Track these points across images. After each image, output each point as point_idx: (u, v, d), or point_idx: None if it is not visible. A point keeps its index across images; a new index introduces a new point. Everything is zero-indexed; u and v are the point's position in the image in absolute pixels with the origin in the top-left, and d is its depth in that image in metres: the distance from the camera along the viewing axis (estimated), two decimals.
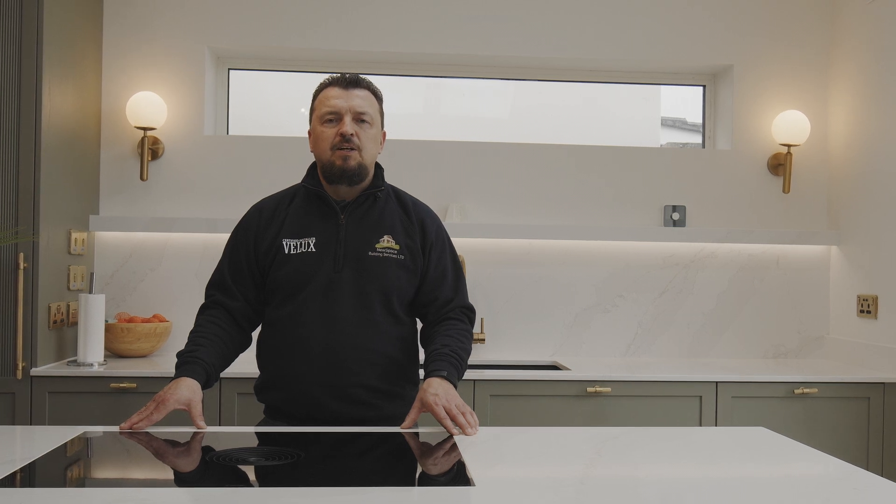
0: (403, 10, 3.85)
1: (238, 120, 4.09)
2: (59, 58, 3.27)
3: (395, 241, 2.24)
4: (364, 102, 2.21)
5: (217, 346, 2.19)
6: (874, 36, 3.67)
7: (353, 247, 2.21)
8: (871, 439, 3.38)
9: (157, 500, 1.47)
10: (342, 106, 2.19)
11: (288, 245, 2.21)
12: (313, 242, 2.20)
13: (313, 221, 2.23)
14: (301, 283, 2.18)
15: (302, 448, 1.86)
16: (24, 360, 3.09)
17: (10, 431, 2.09)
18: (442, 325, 2.28)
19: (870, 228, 3.68)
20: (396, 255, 2.23)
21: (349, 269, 2.19)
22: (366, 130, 2.21)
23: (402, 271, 2.23)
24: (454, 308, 2.31)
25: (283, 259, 2.20)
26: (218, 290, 2.29)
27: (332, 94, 2.21)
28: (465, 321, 2.32)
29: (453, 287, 2.32)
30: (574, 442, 2.03)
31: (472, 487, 1.56)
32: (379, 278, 2.20)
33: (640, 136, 4.59)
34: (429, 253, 2.29)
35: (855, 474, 1.72)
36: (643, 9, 3.93)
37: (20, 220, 3.09)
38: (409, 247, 2.25)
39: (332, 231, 2.22)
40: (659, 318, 3.90)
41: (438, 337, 2.23)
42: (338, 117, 2.19)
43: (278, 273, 2.20)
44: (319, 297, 2.17)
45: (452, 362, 2.16)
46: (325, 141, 2.20)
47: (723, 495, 1.57)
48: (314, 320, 2.16)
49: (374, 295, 2.19)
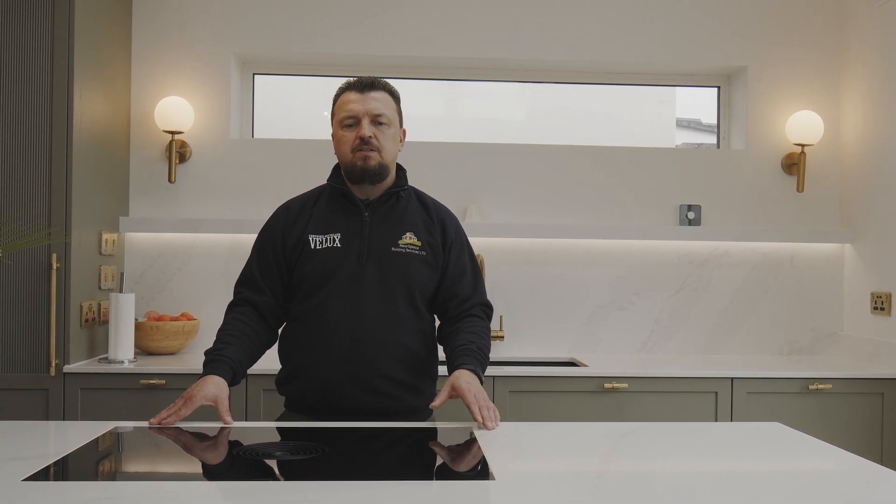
0: (423, 16, 3.86)
1: (263, 123, 4.11)
2: (89, 64, 3.29)
3: (417, 237, 2.26)
4: (381, 104, 2.23)
5: (243, 344, 2.21)
6: (885, 37, 3.63)
7: (377, 242, 2.22)
8: (885, 434, 3.34)
9: (186, 493, 1.48)
10: (359, 110, 2.21)
11: (314, 240, 2.23)
12: (338, 238, 2.22)
13: (338, 218, 2.26)
14: (326, 277, 2.20)
15: (326, 443, 1.87)
16: (57, 357, 3.12)
17: (43, 427, 2.12)
18: (464, 321, 2.29)
19: (883, 226, 3.64)
20: (418, 251, 2.25)
21: (373, 263, 2.20)
22: (384, 131, 2.23)
23: (423, 266, 2.25)
24: (474, 305, 2.33)
25: (309, 253, 2.22)
26: (246, 287, 2.31)
27: (350, 98, 2.24)
28: (484, 318, 2.35)
29: (472, 284, 2.34)
30: (591, 437, 2.02)
31: (492, 481, 1.56)
32: (402, 272, 2.21)
33: (655, 136, 4.57)
34: (449, 251, 2.30)
35: (869, 469, 1.71)
36: (658, 12, 3.92)
37: (53, 221, 3.12)
38: (431, 244, 2.27)
39: (357, 227, 2.24)
40: (675, 316, 3.88)
41: (462, 333, 2.25)
42: (356, 121, 2.22)
43: (305, 267, 2.22)
44: (344, 291, 2.19)
45: (479, 359, 2.19)
46: (346, 144, 2.23)
47: (738, 490, 1.56)
48: (339, 313, 2.18)
49: (397, 289, 2.21)
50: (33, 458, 1.66)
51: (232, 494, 1.47)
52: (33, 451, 1.73)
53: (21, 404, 3.09)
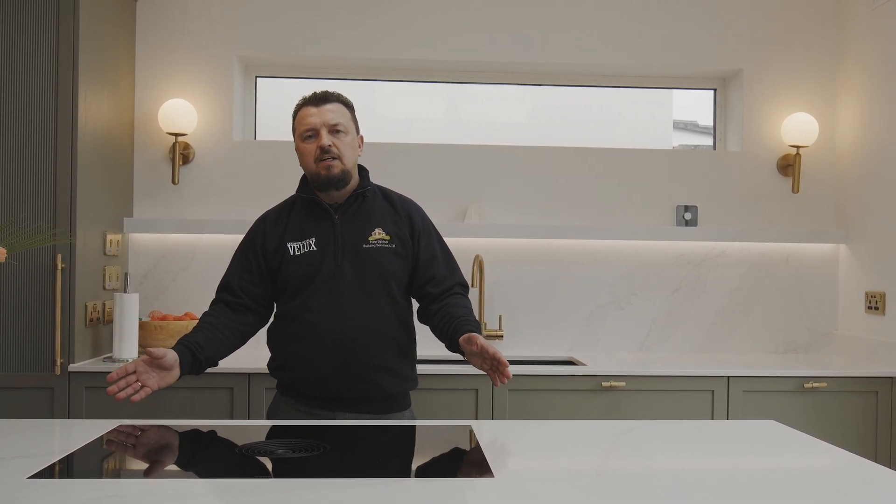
0: (424, 19, 3.86)
1: (265, 125, 4.11)
2: (94, 67, 3.29)
3: (386, 232, 2.38)
4: (335, 115, 2.35)
5: (208, 331, 2.32)
6: (880, 40, 3.64)
7: (350, 241, 2.35)
8: (879, 432, 3.34)
9: (189, 491, 1.48)
10: (316, 122, 2.34)
11: (292, 248, 2.36)
12: (314, 242, 2.36)
13: (312, 225, 2.39)
14: (308, 278, 2.33)
15: (327, 441, 1.87)
16: (62, 356, 3.12)
17: (49, 425, 2.12)
18: (451, 297, 2.42)
19: (877, 227, 3.64)
20: (388, 244, 2.37)
21: (348, 261, 2.33)
22: (342, 139, 2.35)
23: (394, 258, 2.37)
24: (454, 284, 2.46)
25: (289, 259, 2.36)
26: (224, 292, 2.44)
27: (307, 112, 2.36)
28: (466, 297, 2.48)
29: (446, 265, 2.47)
30: (590, 435, 2.02)
31: (492, 479, 1.56)
32: (375, 266, 2.34)
33: (653, 138, 4.57)
34: (417, 240, 2.43)
35: (863, 466, 1.71)
36: (655, 16, 3.92)
37: (58, 222, 3.12)
38: (399, 236, 2.40)
39: (329, 230, 2.37)
40: (672, 315, 3.88)
41: (456, 307, 2.36)
42: (315, 132, 2.34)
43: (287, 271, 2.36)
44: (325, 288, 2.32)
45: (479, 330, 2.28)
46: (308, 155, 2.36)
47: (734, 487, 1.57)
48: (321, 307, 2.30)
49: (372, 281, 2.33)
50: (39, 456, 1.66)
51: (235, 492, 1.47)
52: (39, 449, 1.74)
53: (27, 403, 3.09)
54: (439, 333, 2.38)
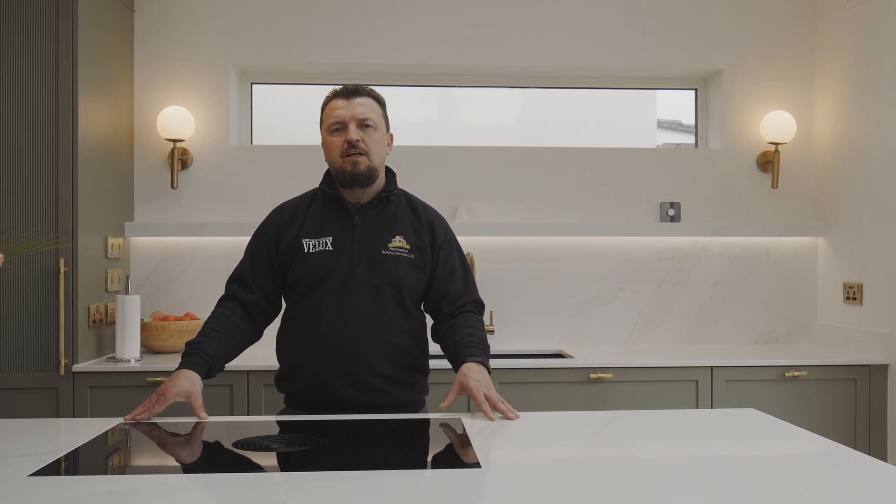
0: (416, 26, 3.86)
1: (261, 131, 4.11)
2: (93, 77, 3.29)
3: (406, 240, 2.25)
4: (366, 109, 2.22)
5: (224, 338, 2.19)
6: (853, 40, 3.64)
7: (367, 246, 2.21)
8: (857, 419, 3.36)
9: (189, 485, 1.48)
10: (346, 115, 2.20)
11: (307, 244, 2.22)
12: (330, 241, 2.21)
13: (330, 222, 2.24)
14: (319, 279, 2.19)
15: (321, 435, 1.87)
16: (66, 357, 3.12)
17: (54, 423, 2.12)
18: (458, 317, 2.28)
19: (854, 220, 3.65)
20: (407, 253, 2.23)
21: (363, 266, 2.19)
22: (370, 135, 2.22)
23: (412, 269, 2.24)
24: (467, 302, 2.31)
25: (302, 257, 2.21)
26: (237, 284, 2.30)
27: (337, 105, 2.23)
28: (478, 314, 2.33)
29: (463, 282, 2.33)
30: (575, 425, 2.03)
31: (479, 469, 1.56)
32: (391, 275, 2.20)
33: (638, 137, 4.57)
34: (437, 252, 2.29)
35: (839, 451, 1.72)
36: (638, 20, 3.92)
37: (60, 227, 3.12)
38: (419, 246, 2.26)
39: (348, 231, 2.22)
40: (657, 309, 3.89)
41: (461, 328, 2.24)
42: (343, 126, 2.21)
43: (298, 269, 2.21)
44: (336, 293, 2.18)
45: (482, 348, 2.19)
46: (335, 149, 2.22)
47: (716, 473, 1.57)
48: (331, 314, 2.17)
49: (386, 290, 2.20)
50: (43, 454, 1.66)
51: (232, 485, 1.47)
52: (43, 448, 1.73)
53: (32, 403, 3.10)
54: (447, 356, 2.27)
